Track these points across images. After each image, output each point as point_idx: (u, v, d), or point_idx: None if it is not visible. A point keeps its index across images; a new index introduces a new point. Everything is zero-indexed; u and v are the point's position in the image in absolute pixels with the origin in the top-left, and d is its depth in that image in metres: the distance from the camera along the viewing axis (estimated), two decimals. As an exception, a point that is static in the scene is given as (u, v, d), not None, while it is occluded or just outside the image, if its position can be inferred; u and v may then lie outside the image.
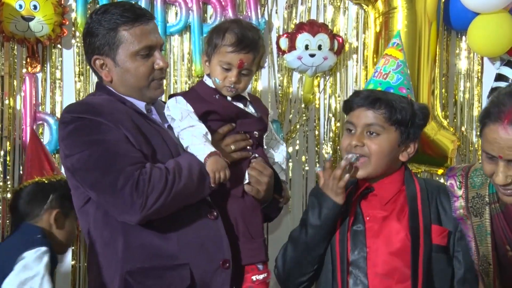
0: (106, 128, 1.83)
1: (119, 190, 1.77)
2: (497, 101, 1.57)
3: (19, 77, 2.66)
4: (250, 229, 1.90)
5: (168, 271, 1.84)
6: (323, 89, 2.86)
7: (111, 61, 1.91)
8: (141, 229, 1.84)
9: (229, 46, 1.89)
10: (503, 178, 1.56)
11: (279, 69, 2.84)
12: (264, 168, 1.94)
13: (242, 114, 1.96)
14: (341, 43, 2.79)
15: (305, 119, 2.86)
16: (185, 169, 1.84)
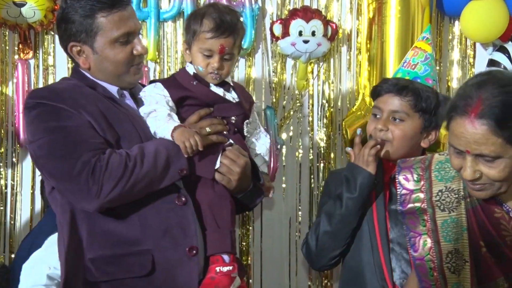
0: (67, 114, 1.79)
1: (75, 177, 1.74)
2: (464, 93, 1.54)
3: (11, 64, 2.65)
4: (217, 219, 1.86)
5: (128, 257, 1.81)
6: (316, 75, 2.87)
7: (89, 48, 1.87)
8: (104, 215, 1.81)
9: (208, 32, 1.86)
10: (471, 173, 1.54)
11: (272, 55, 2.84)
12: (238, 157, 1.90)
13: (220, 100, 1.94)
14: (334, 29, 2.79)
15: (299, 106, 2.86)
16: (150, 155, 1.80)
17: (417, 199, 1.69)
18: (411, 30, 2.69)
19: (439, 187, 1.67)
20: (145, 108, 1.84)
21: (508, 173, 1.50)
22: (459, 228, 1.63)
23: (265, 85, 2.84)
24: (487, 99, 1.46)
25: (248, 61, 2.82)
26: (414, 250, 1.68)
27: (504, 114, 1.45)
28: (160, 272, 1.79)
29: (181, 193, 1.83)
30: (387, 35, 2.69)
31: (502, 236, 1.59)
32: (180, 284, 1.80)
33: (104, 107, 1.83)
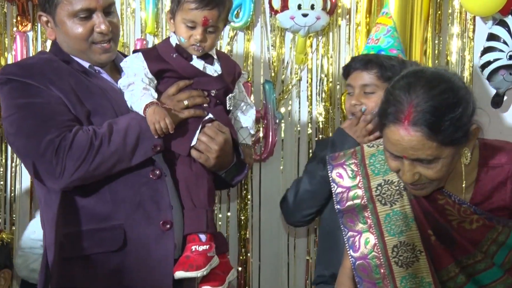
0: (35, 91, 1.76)
1: (40, 156, 1.72)
2: (394, 99, 1.53)
3: (10, 36, 2.63)
4: (193, 198, 1.83)
5: (101, 232, 1.79)
6: (315, 49, 2.83)
7: (52, 19, 1.84)
8: (75, 190, 1.79)
9: (192, 2, 1.80)
10: (410, 176, 1.54)
11: (271, 29, 2.79)
12: (216, 134, 1.85)
13: (199, 73, 1.88)
14: (334, 3, 2.74)
15: (298, 80, 2.83)
16: (120, 132, 1.75)
17: (355, 196, 1.68)
18: (410, 4, 2.63)
19: (378, 181, 1.67)
20: (123, 80, 1.80)
21: (446, 171, 1.52)
22: (404, 220, 1.62)
23: (264, 59, 2.81)
24: (418, 105, 1.47)
25: (247, 34, 2.77)
26: (354, 250, 1.67)
27: (436, 119, 1.46)
28: (134, 247, 1.77)
29: (155, 166, 1.79)
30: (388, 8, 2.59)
31: (449, 221, 1.60)
32: (155, 259, 1.78)
33: (75, 82, 1.78)
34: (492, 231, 1.63)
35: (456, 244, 1.64)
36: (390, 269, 1.64)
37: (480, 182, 1.63)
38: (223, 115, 1.90)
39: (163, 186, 1.80)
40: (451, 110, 1.50)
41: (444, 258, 1.64)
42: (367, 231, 1.69)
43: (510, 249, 1.66)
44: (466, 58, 2.88)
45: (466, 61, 2.88)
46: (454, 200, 1.64)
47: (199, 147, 1.82)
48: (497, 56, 2.72)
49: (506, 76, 2.73)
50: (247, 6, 2.68)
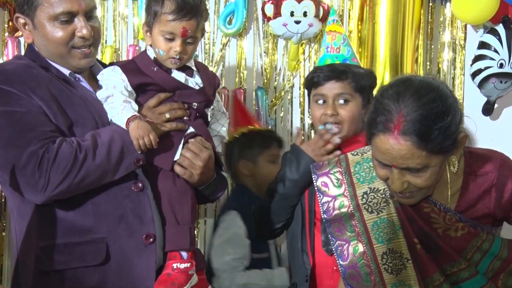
0: (15, 98, 1.69)
1: (21, 168, 1.65)
2: (383, 108, 1.52)
3: (1, 41, 2.63)
4: (176, 214, 1.79)
5: (82, 246, 1.74)
6: (308, 56, 2.83)
7: (31, 22, 1.77)
8: (54, 202, 1.72)
9: (170, 14, 1.75)
10: (399, 185, 1.54)
11: (264, 36, 2.80)
12: (200, 150, 1.81)
13: (181, 86, 1.84)
14: (326, 10, 2.73)
15: (290, 86, 2.83)
16: (104, 145, 1.71)
17: (342, 205, 1.67)
18: (402, 12, 2.65)
19: (363, 189, 1.66)
20: (102, 92, 1.76)
21: (434, 179, 1.51)
22: (391, 228, 1.61)
23: (256, 66, 2.80)
24: (408, 115, 1.46)
25: (239, 41, 2.77)
26: (343, 259, 1.65)
27: (426, 128, 1.46)
28: (116, 261, 1.73)
29: (138, 179, 1.75)
30: (378, 16, 2.66)
31: (434, 229, 1.60)
32: (137, 273, 1.74)
33: (56, 90, 1.73)
34: (476, 238, 1.63)
35: (441, 252, 1.64)
36: (380, 276, 1.64)
37: (466, 190, 1.63)
38: (203, 128, 1.87)
39: (146, 198, 1.76)
40: (440, 119, 1.49)
41: (430, 266, 1.63)
42: (355, 240, 1.68)
43: (493, 257, 1.65)
44: (457, 66, 2.89)
45: (457, 69, 2.90)
46: (439, 208, 1.63)
47: (183, 163, 1.79)
48: (488, 64, 2.71)
49: (497, 84, 2.73)
50: (239, 13, 2.69)
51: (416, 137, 1.47)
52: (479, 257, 1.64)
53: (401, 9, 2.65)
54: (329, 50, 2.13)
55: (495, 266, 1.66)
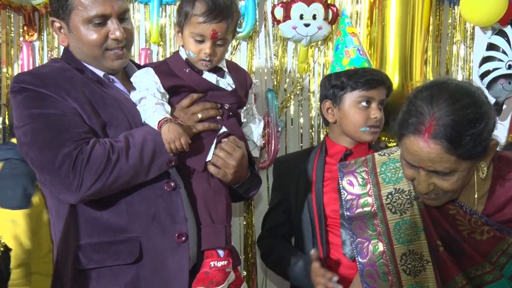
0: (51, 101, 1.72)
1: (56, 169, 1.67)
2: (415, 110, 1.51)
3: (16, 46, 2.66)
4: (211, 214, 1.80)
5: (116, 245, 1.76)
6: (317, 58, 2.83)
7: (66, 25, 1.79)
8: (89, 203, 1.76)
9: (200, 16, 1.75)
10: (425, 187, 1.54)
11: (274, 38, 2.81)
12: (234, 150, 1.82)
13: (213, 87, 1.85)
14: (335, 13, 2.75)
15: (300, 89, 2.83)
16: (136, 146, 1.72)
17: (365, 204, 1.68)
18: (411, 14, 2.65)
19: (388, 190, 1.67)
20: (135, 94, 1.77)
21: (461, 183, 1.51)
22: (414, 229, 1.61)
23: (267, 68, 2.81)
24: (440, 118, 1.45)
25: (250, 44, 2.78)
26: (362, 257, 1.67)
27: (457, 133, 1.44)
28: (149, 259, 1.75)
29: (170, 178, 1.76)
30: (388, 18, 2.65)
31: (459, 231, 1.59)
32: (170, 271, 1.76)
33: (90, 92, 1.74)
34: (502, 242, 1.61)
35: (465, 255, 1.63)
36: (398, 277, 1.64)
37: (494, 194, 1.61)
38: (236, 127, 1.87)
39: (178, 198, 1.78)
40: (473, 126, 1.47)
41: (452, 269, 1.63)
42: (376, 239, 1.68)
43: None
44: (466, 68, 2.91)
45: (465, 70, 2.91)
46: (465, 211, 1.63)
47: (216, 163, 1.80)
48: (496, 65, 2.73)
49: (505, 85, 2.74)
50: (250, 16, 2.70)
51: (446, 142, 1.46)
52: (504, 260, 1.62)
53: (410, 11, 2.65)
54: (361, 53, 2.18)
55: None
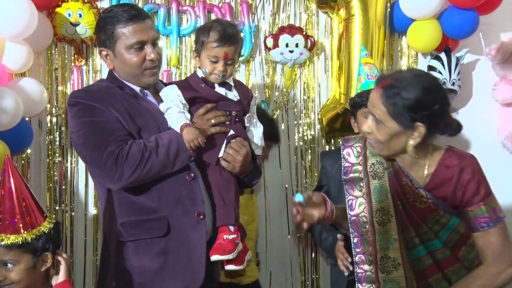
0: (98, 111, 1.84)
1: (102, 164, 1.81)
2: (385, 74, 1.68)
3: (69, 69, 2.83)
4: (224, 197, 1.92)
5: (149, 222, 1.87)
6: (299, 77, 3.05)
7: (112, 52, 1.94)
8: (128, 189, 1.87)
9: (214, 42, 1.91)
10: (366, 127, 1.70)
11: (266, 62, 3.01)
12: (240, 148, 1.93)
13: (223, 98, 1.96)
14: (313, 42, 2.96)
15: (286, 100, 3.04)
16: (164, 145, 1.84)
17: (356, 171, 1.85)
18: (370, 43, 2.91)
19: (372, 161, 1.84)
20: (163, 105, 1.91)
21: (385, 139, 1.67)
22: (384, 192, 1.76)
23: (260, 85, 3.00)
24: (394, 79, 1.64)
25: (247, 66, 2.98)
26: (351, 209, 1.84)
27: (394, 90, 1.60)
28: (175, 234, 1.86)
29: (190, 170, 1.89)
30: (352, 47, 2.91)
31: (407, 198, 1.75)
32: (192, 243, 1.87)
33: (128, 104, 1.88)
34: (435, 214, 1.73)
35: (411, 216, 1.76)
36: (372, 226, 1.80)
37: (436, 176, 1.72)
38: (242, 130, 2.00)
39: (197, 186, 1.90)
40: (409, 93, 1.59)
41: (407, 223, 1.76)
42: (361, 197, 1.84)
43: (451, 231, 1.75)
44: None
45: None
46: (412, 183, 1.74)
47: (227, 158, 1.93)
48: None
49: None
50: (247, 45, 2.93)
51: (383, 92, 1.63)
52: (438, 228, 1.74)
53: (370, 41, 2.90)
54: (370, 77, 2.36)
55: (454, 238, 1.76)
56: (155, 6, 2.85)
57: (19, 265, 1.70)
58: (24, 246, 1.68)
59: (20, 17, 2.42)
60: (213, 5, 2.91)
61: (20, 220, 1.67)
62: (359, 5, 2.88)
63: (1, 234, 1.67)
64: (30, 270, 1.71)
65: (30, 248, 1.69)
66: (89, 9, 2.77)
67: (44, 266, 1.75)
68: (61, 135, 2.82)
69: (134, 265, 1.86)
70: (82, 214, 2.86)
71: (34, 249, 1.70)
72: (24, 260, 1.70)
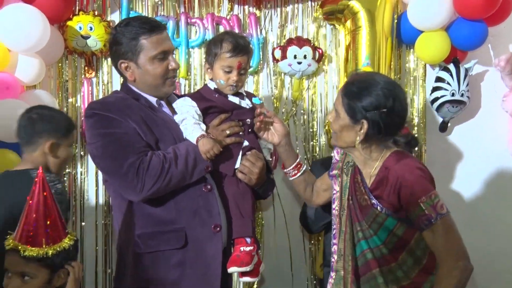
0: (116, 123, 1.85)
1: (123, 175, 1.81)
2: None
3: (79, 81, 2.86)
4: (241, 209, 1.93)
5: (166, 234, 1.87)
6: (307, 88, 3.07)
7: (134, 64, 1.94)
8: (146, 201, 1.87)
9: (228, 52, 1.95)
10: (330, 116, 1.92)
11: (274, 73, 3.02)
12: (256, 160, 1.96)
13: (236, 107, 1.99)
14: (321, 54, 2.98)
15: (294, 111, 3.05)
16: (182, 156, 1.85)
17: (338, 167, 1.96)
18: (377, 54, 2.93)
19: (348, 159, 1.95)
20: (178, 116, 1.93)
21: (338, 130, 1.80)
22: (345, 187, 1.88)
23: (269, 96, 3.04)
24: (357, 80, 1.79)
25: (256, 77, 3.01)
26: (333, 202, 1.94)
27: (351, 88, 1.76)
28: (192, 245, 1.87)
29: (207, 182, 1.91)
30: (360, 58, 2.92)
31: (356, 194, 1.85)
32: (208, 255, 1.89)
33: (145, 115, 1.89)
34: (371, 212, 1.79)
35: (356, 211, 1.85)
36: (340, 219, 1.93)
37: (377, 176, 1.79)
38: (255, 141, 2.02)
39: (213, 197, 1.92)
40: (364, 92, 1.74)
41: (354, 218, 1.85)
42: (338, 192, 1.95)
43: (389, 231, 1.78)
44: (420, 95, 3.14)
45: (420, 97, 3.15)
46: (362, 181, 1.84)
47: (243, 171, 1.95)
48: (443, 93, 2.99)
49: (450, 108, 3.01)
50: (255, 57, 2.95)
51: (345, 85, 1.79)
52: (376, 227, 1.79)
53: (377, 52, 2.91)
54: None
55: (392, 240, 1.79)
56: (164, 18, 2.90)
57: (37, 279, 1.70)
58: (43, 260, 1.68)
59: (33, 30, 2.47)
60: (221, 17, 2.96)
61: (43, 234, 1.68)
62: (366, 17, 2.91)
63: (24, 245, 1.67)
64: (45, 286, 1.72)
65: (49, 263, 1.70)
66: (100, 22, 2.82)
67: (59, 282, 1.75)
68: (71, 146, 2.72)
69: (151, 277, 1.88)
70: (92, 224, 2.90)
71: (52, 265, 1.70)
72: (41, 274, 1.70)
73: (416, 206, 1.72)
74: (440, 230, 1.72)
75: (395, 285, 1.77)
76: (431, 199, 1.72)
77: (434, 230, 1.72)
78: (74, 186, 2.87)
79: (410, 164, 1.76)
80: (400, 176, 1.73)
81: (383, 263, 1.78)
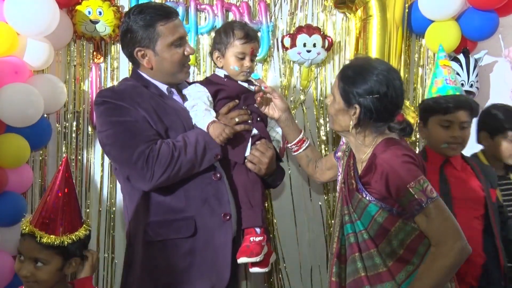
0: (126, 111, 1.85)
1: (133, 164, 1.81)
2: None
3: (87, 67, 2.85)
4: (250, 199, 1.94)
5: (176, 222, 1.87)
6: (316, 77, 3.07)
7: (151, 51, 1.92)
8: (156, 189, 1.87)
9: (240, 39, 1.98)
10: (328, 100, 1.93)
11: (283, 61, 3.02)
12: (266, 150, 1.97)
13: (245, 90, 2.01)
14: (330, 42, 2.97)
15: (303, 100, 3.06)
16: (191, 144, 1.84)
17: (342, 150, 2.01)
18: (387, 44, 2.92)
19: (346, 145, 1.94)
20: (189, 102, 1.93)
21: (333, 113, 1.83)
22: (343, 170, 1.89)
23: (278, 84, 3.02)
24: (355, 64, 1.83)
25: (265, 65, 3.01)
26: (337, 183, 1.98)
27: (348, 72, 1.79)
28: (202, 234, 1.87)
29: (216, 171, 1.91)
30: (370, 47, 2.92)
31: (348, 178, 1.88)
32: (217, 243, 1.89)
33: (155, 103, 1.88)
34: (355, 196, 1.81)
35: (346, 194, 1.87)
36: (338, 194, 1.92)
37: (368, 162, 1.82)
38: (264, 130, 2.04)
39: (223, 186, 1.92)
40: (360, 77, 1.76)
41: (343, 200, 1.87)
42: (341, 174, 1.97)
43: (371, 217, 1.79)
44: (427, 85, 3.04)
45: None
46: (353, 165, 1.87)
47: (253, 160, 1.95)
48: None
49: None
50: (265, 44, 2.95)
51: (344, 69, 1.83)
52: (359, 212, 1.81)
53: (387, 42, 2.91)
54: (448, 82, 2.37)
55: (374, 226, 1.80)
56: (173, 4, 2.89)
57: (49, 266, 1.71)
58: (58, 248, 1.70)
59: (42, 14, 2.45)
60: (231, 4, 2.93)
61: (61, 222, 1.69)
62: (377, 6, 2.91)
63: (40, 231, 1.68)
64: (57, 272, 1.73)
65: (63, 251, 1.71)
66: (109, 7, 2.79)
67: (70, 270, 1.77)
68: (78, 132, 2.88)
69: (161, 265, 1.87)
70: (96, 211, 2.89)
71: (66, 253, 1.72)
72: (54, 261, 1.72)
73: (406, 192, 1.72)
74: (433, 213, 1.72)
75: (372, 271, 1.78)
76: (420, 184, 1.72)
77: (427, 214, 1.72)
78: (81, 173, 2.90)
79: (396, 152, 1.76)
80: (386, 163, 1.74)
81: (364, 248, 1.79)
